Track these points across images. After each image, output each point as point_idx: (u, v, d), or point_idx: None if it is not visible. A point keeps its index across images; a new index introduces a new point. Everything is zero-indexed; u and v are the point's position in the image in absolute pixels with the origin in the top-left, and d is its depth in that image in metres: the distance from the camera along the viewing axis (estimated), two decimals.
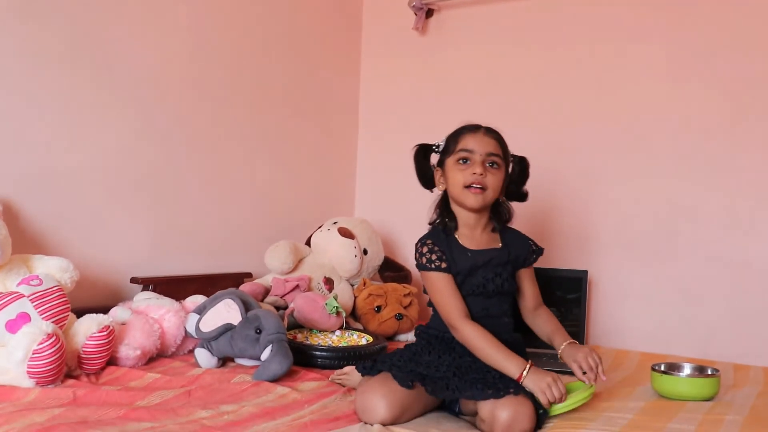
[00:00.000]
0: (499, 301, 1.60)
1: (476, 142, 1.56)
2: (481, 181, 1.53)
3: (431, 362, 1.50)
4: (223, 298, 1.85)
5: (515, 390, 1.38)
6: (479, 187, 1.53)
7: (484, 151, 1.55)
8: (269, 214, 2.61)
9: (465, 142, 1.57)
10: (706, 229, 2.29)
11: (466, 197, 1.55)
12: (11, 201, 1.83)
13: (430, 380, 1.43)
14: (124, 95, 2.10)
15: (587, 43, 2.51)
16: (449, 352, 1.53)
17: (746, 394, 1.73)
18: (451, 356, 1.52)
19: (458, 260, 1.56)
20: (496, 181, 1.56)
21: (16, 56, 1.83)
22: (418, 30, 2.84)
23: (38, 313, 1.54)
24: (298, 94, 2.74)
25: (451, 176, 1.58)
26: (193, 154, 2.33)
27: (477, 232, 1.61)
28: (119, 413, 1.32)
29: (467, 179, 1.54)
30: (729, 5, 2.27)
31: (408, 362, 1.50)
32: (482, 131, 1.58)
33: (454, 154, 1.57)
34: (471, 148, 1.55)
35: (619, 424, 1.40)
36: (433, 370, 1.47)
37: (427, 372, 1.46)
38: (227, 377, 1.66)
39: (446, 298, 1.54)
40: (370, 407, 1.37)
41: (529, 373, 1.41)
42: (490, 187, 1.55)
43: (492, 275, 1.57)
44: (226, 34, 2.43)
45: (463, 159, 1.55)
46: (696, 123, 2.31)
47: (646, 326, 2.37)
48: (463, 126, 1.61)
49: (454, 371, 1.46)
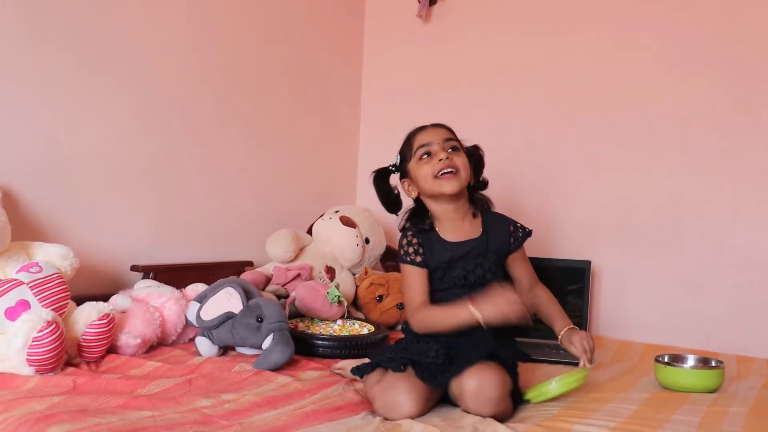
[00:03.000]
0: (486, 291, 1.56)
1: (429, 134, 1.58)
2: (450, 164, 1.53)
3: (420, 350, 1.49)
4: (224, 286, 1.84)
5: (480, 359, 1.39)
6: (450, 171, 1.53)
7: (440, 138, 1.57)
8: (271, 203, 2.60)
9: (419, 139, 1.58)
10: (710, 221, 2.28)
11: (441, 185, 1.54)
12: (11, 188, 1.81)
13: (419, 365, 1.42)
14: (125, 83, 2.09)
15: (592, 34, 2.49)
16: (436, 340, 1.51)
17: (750, 385, 1.72)
18: (439, 344, 1.50)
19: (437, 253, 1.56)
20: (463, 161, 1.57)
21: (17, 44, 1.82)
22: (422, 18, 2.82)
23: (38, 300, 1.54)
24: (300, 83, 2.72)
25: (418, 175, 1.57)
26: (195, 142, 2.31)
27: (458, 223, 1.60)
28: (119, 401, 1.31)
29: (435, 168, 1.53)
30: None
31: (399, 352, 1.50)
32: (429, 126, 1.60)
33: (414, 156, 1.58)
34: (427, 141, 1.56)
35: (623, 415, 1.39)
36: (423, 356, 1.46)
37: (418, 358, 1.45)
38: (228, 366, 1.65)
39: (410, 291, 1.56)
40: (395, 404, 1.35)
41: (483, 306, 1.42)
42: (461, 167, 1.55)
43: (472, 266, 1.56)
44: (227, 22, 2.41)
45: (425, 153, 1.56)
46: (701, 115, 2.29)
47: (650, 317, 2.36)
48: (410, 132, 1.63)
49: (443, 358, 1.45)
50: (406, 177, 1.62)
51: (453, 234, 1.58)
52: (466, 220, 1.61)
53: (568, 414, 1.39)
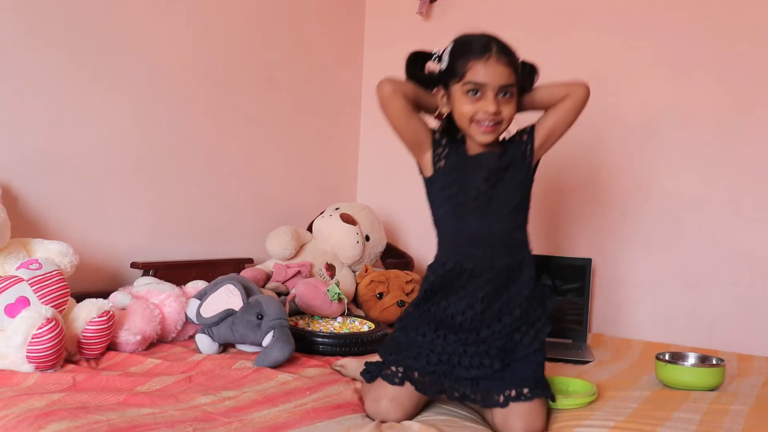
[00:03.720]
0: (497, 217, 1.43)
1: (487, 72, 1.36)
2: (495, 119, 1.37)
3: (422, 351, 1.39)
4: (225, 283, 1.83)
5: (529, 393, 1.33)
6: (492, 123, 1.38)
7: (496, 83, 1.36)
8: (271, 200, 2.59)
9: (474, 73, 1.36)
10: (711, 219, 2.27)
11: (475, 133, 1.39)
12: (10, 184, 1.81)
13: (421, 377, 1.36)
14: (125, 79, 2.08)
15: (594, 32, 2.48)
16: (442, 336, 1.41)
17: (751, 383, 1.72)
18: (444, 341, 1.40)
19: (453, 160, 1.45)
20: (511, 111, 1.39)
21: (17, 40, 1.81)
22: (423, 15, 2.81)
23: (37, 297, 1.53)
24: (301, 79, 2.72)
25: (458, 106, 1.40)
26: (195, 139, 2.31)
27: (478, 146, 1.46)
28: (119, 399, 1.31)
29: (479, 116, 1.37)
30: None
31: (399, 352, 1.42)
32: (493, 58, 1.36)
33: (460, 83, 1.38)
34: (482, 81, 1.36)
35: (624, 413, 1.38)
36: (423, 362, 1.38)
37: (416, 366, 1.38)
38: (228, 363, 1.64)
39: None
40: (383, 413, 1.33)
41: None
42: (505, 119, 1.39)
43: (484, 176, 1.42)
44: (227, 20, 2.40)
45: (474, 90, 1.37)
46: (701, 112, 2.29)
47: (651, 315, 2.36)
48: (469, 43, 1.40)
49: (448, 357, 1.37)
50: (446, 88, 1.43)
51: (476, 155, 1.45)
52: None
53: (568, 413, 1.39)
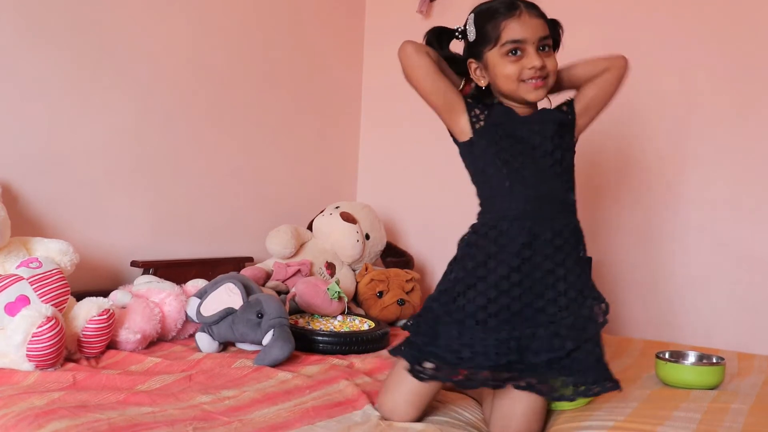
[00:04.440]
0: (555, 176, 1.36)
1: (523, 28, 1.32)
2: (541, 74, 1.33)
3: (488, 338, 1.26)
4: (225, 282, 1.83)
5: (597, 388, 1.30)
6: (541, 78, 1.33)
7: (535, 36, 1.33)
8: (271, 199, 2.59)
9: (510, 32, 1.32)
10: (711, 217, 2.27)
11: (527, 92, 1.34)
12: (11, 183, 1.81)
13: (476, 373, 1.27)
14: (125, 78, 2.08)
15: (594, 32, 2.47)
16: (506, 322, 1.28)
17: (751, 382, 1.72)
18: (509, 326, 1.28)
19: (499, 120, 1.37)
20: (553, 63, 1.37)
21: (18, 39, 1.81)
22: (423, 13, 2.80)
23: (38, 296, 1.53)
24: (301, 78, 2.72)
25: (499, 72, 1.34)
26: (195, 137, 2.31)
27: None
28: (119, 397, 1.31)
29: (525, 74, 1.32)
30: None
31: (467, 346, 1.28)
32: (525, 13, 1.34)
33: (498, 47, 1.33)
34: (521, 38, 1.32)
35: (625, 412, 1.38)
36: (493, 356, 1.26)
37: (489, 363, 1.26)
38: (228, 362, 1.65)
39: None
40: (397, 411, 1.30)
41: None
42: (551, 72, 1.36)
43: (550, 132, 1.37)
44: (227, 18, 2.40)
45: (515, 50, 1.32)
46: (701, 111, 2.29)
47: (651, 314, 2.36)
48: (492, 8, 1.38)
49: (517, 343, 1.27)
50: (479, 60, 1.39)
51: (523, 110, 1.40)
52: None
53: (568, 413, 1.39)
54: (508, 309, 1.29)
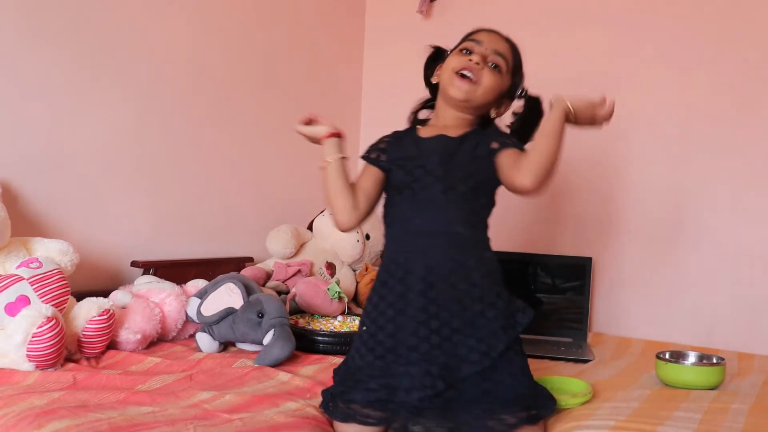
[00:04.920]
0: (447, 207, 1.32)
1: (487, 36, 1.40)
2: (473, 68, 1.35)
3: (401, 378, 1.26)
4: (225, 282, 1.83)
5: (531, 417, 1.25)
6: (469, 75, 1.34)
7: (491, 46, 1.38)
8: (271, 199, 2.59)
9: (476, 34, 1.42)
10: (711, 217, 2.27)
11: (451, 83, 1.37)
12: (11, 183, 1.81)
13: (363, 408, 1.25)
14: (125, 78, 2.08)
15: (594, 31, 2.48)
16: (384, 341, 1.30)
17: (751, 382, 1.72)
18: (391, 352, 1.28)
19: (403, 148, 1.40)
20: (492, 81, 1.37)
21: (17, 38, 1.81)
22: (423, 13, 2.81)
23: (38, 296, 1.53)
24: (301, 78, 2.72)
25: (446, 63, 1.41)
26: (195, 137, 2.31)
27: (444, 129, 1.41)
28: (119, 397, 1.31)
29: (458, 64, 1.36)
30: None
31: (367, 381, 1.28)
32: (496, 32, 1.43)
33: (459, 46, 1.43)
34: (479, 39, 1.39)
35: (625, 412, 1.38)
36: (363, 390, 1.26)
37: (358, 397, 1.26)
38: (229, 362, 1.65)
39: None
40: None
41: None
42: (483, 84, 1.36)
43: (435, 162, 1.33)
44: (227, 18, 2.40)
45: (466, 49, 1.39)
46: (701, 110, 2.29)
47: (651, 314, 2.36)
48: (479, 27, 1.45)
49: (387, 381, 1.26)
50: (443, 61, 1.47)
51: (431, 131, 1.42)
52: (455, 130, 1.40)
53: (568, 413, 1.39)
54: (382, 345, 1.31)
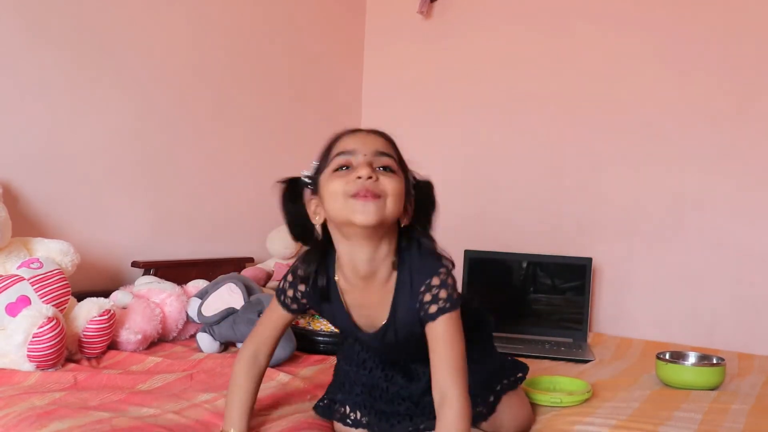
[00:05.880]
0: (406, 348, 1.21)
1: (357, 140, 1.13)
2: (371, 188, 1.06)
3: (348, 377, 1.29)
4: (226, 282, 1.84)
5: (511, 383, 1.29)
6: (371, 193, 1.06)
7: (369, 149, 1.11)
8: (271, 199, 2.55)
9: (341, 145, 1.14)
10: (712, 217, 2.27)
11: (353, 210, 1.06)
12: (11, 183, 1.81)
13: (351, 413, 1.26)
14: (126, 78, 2.08)
15: (595, 30, 2.48)
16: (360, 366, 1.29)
17: (751, 383, 1.72)
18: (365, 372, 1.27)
19: (339, 320, 1.23)
20: (395, 185, 1.09)
21: (18, 39, 1.81)
22: (423, 14, 2.81)
23: (38, 296, 1.53)
24: (301, 79, 2.72)
25: (327, 191, 1.10)
26: (195, 137, 2.31)
27: (368, 283, 1.15)
28: (120, 397, 1.31)
29: (350, 187, 1.07)
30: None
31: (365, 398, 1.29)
32: (365, 131, 1.16)
33: (329, 165, 1.13)
34: (351, 149, 1.11)
35: (626, 413, 1.38)
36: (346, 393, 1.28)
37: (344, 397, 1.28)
38: (229, 362, 1.64)
39: (258, 323, 1.27)
40: None
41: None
42: (390, 193, 1.08)
43: (376, 348, 1.24)
44: (227, 18, 2.40)
45: (343, 166, 1.10)
46: (702, 111, 2.29)
47: (651, 314, 2.36)
48: (337, 132, 1.19)
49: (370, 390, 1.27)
50: (316, 193, 1.17)
51: (359, 311, 1.18)
52: (377, 278, 1.14)
53: (569, 413, 1.39)
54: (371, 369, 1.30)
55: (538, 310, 2.31)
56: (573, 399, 1.45)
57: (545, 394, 1.44)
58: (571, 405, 1.43)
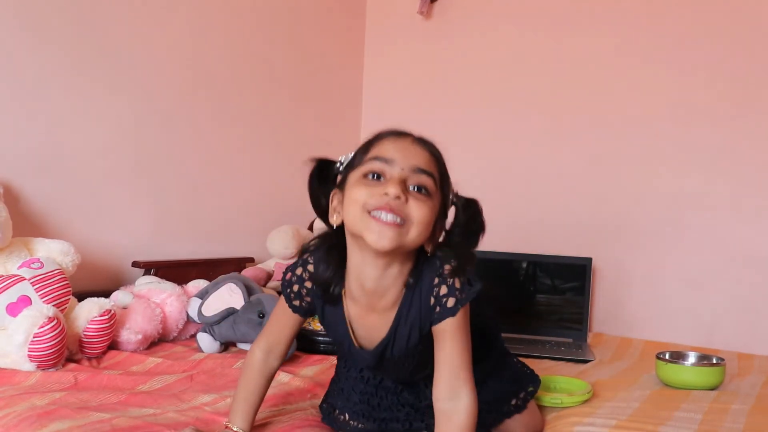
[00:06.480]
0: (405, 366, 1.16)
1: (398, 149, 1.02)
2: (396, 208, 0.96)
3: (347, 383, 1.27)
4: (226, 282, 1.84)
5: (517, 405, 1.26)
6: (392, 217, 0.96)
7: (408, 164, 1.00)
8: (271, 199, 2.59)
9: (381, 149, 1.03)
10: (711, 217, 2.27)
11: (366, 227, 0.97)
12: (12, 183, 1.81)
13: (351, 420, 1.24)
14: (126, 78, 2.08)
15: (595, 30, 2.48)
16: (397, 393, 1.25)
17: (751, 382, 1.72)
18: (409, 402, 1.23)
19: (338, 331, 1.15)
20: (424, 214, 0.99)
21: (17, 38, 1.81)
22: (423, 14, 2.81)
23: (39, 296, 1.53)
24: (301, 79, 2.72)
25: (350, 196, 1.01)
26: (196, 138, 2.31)
27: (373, 299, 1.08)
28: (120, 398, 1.31)
29: (373, 201, 0.97)
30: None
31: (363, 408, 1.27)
32: (410, 138, 1.05)
33: (362, 165, 1.03)
34: (389, 157, 1.01)
35: (626, 413, 1.38)
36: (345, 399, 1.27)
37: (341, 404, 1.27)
38: (230, 362, 1.65)
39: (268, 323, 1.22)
40: None
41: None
42: (415, 221, 0.98)
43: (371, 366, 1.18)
44: (227, 18, 2.40)
45: (375, 174, 1.01)
46: (702, 111, 2.29)
47: (651, 314, 2.36)
48: (382, 131, 1.08)
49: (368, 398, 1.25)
50: (342, 188, 1.07)
51: (360, 322, 1.11)
52: (383, 299, 1.07)
53: (569, 413, 1.39)
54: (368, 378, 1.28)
55: (538, 310, 2.31)
56: (573, 400, 1.45)
57: (545, 394, 1.44)
58: (571, 406, 1.43)
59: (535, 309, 2.32)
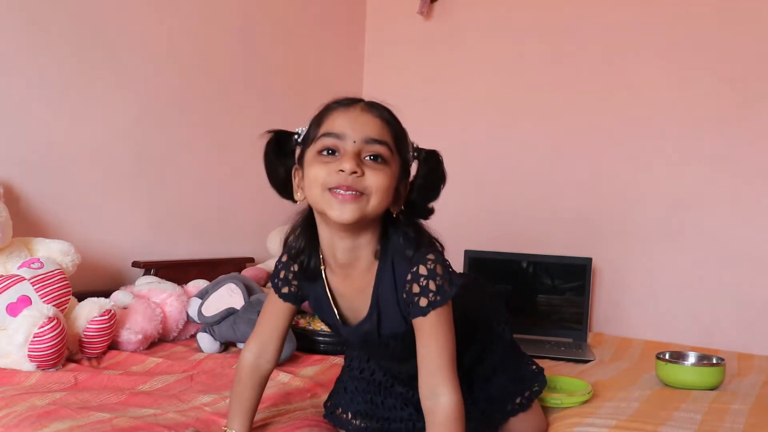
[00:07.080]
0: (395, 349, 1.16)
1: (348, 121, 1.03)
2: (353, 185, 0.99)
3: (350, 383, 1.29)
4: (226, 282, 1.84)
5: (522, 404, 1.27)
6: (351, 193, 0.99)
7: (360, 136, 1.01)
8: (272, 199, 2.57)
9: (333, 122, 1.04)
10: (712, 218, 2.27)
11: (328, 204, 1.00)
12: (12, 183, 1.81)
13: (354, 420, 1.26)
14: (126, 78, 2.08)
15: (595, 31, 2.48)
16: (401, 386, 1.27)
17: (751, 383, 1.72)
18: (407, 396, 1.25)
19: (325, 311, 1.17)
20: (382, 181, 1.01)
21: (17, 38, 1.81)
22: (423, 14, 2.81)
23: (39, 296, 1.54)
24: (302, 79, 2.72)
25: (308, 175, 1.04)
26: (196, 138, 2.31)
27: (349, 271, 1.10)
28: (121, 398, 1.31)
29: (331, 179, 1.00)
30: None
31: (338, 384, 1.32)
32: (360, 106, 1.05)
33: (315, 142, 1.04)
34: (340, 132, 1.02)
35: (626, 413, 1.38)
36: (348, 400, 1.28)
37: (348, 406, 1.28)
38: (230, 362, 1.65)
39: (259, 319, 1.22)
40: None
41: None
42: (374, 191, 1.00)
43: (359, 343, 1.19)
44: (228, 18, 2.40)
45: (329, 149, 1.02)
46: (702, 111, 2.29)
47: (651, 314, 2.36)
48: (334, 100, 1.09)
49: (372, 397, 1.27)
50: (301, 165, 1.09)
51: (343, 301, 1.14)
52: (357, 268, 1.09)
53: (569, 413, 1.39)
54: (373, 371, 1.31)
55: (538, 310, 2.31)
56: (573, 400, 1.45)
57: (546, 394, 1.44)
58: (571, 406, 1.43)
59: (535, 309, 2.32)
